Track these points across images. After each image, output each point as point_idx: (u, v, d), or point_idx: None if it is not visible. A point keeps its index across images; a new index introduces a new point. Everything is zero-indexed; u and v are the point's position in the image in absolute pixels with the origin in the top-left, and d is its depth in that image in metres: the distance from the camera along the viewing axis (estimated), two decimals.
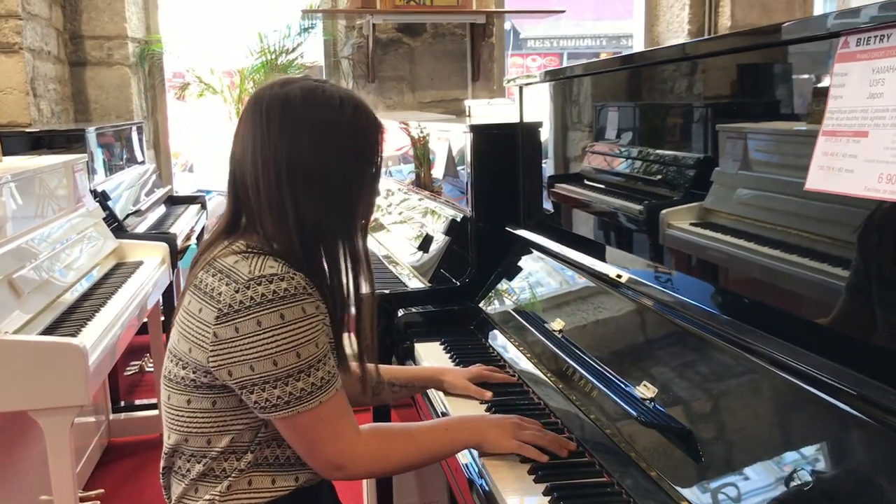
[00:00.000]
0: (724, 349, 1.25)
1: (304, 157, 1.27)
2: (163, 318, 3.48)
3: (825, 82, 1.02)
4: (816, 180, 0.95)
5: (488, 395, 1.65)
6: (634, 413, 1.29)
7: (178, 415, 1.32)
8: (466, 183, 2.36)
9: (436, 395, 1.74)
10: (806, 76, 1.15)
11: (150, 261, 3.18)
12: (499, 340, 1.97)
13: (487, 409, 1.61)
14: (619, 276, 1.60)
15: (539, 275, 2.05)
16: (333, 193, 1.30)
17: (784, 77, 1.22)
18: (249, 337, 1.21)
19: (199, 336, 1.25)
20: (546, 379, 1.64)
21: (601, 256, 1.80)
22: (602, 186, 1.87)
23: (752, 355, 1.18)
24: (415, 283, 2.44)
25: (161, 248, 3.27)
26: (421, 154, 3.05)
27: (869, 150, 0.88)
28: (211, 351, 1.23)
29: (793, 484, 1.00)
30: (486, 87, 5.35)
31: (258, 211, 1.30)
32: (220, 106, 5.11)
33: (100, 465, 3.15)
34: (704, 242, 1.40)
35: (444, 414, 1.63)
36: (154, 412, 3.43)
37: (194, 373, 1.28)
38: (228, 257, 1.27)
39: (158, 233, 3.71)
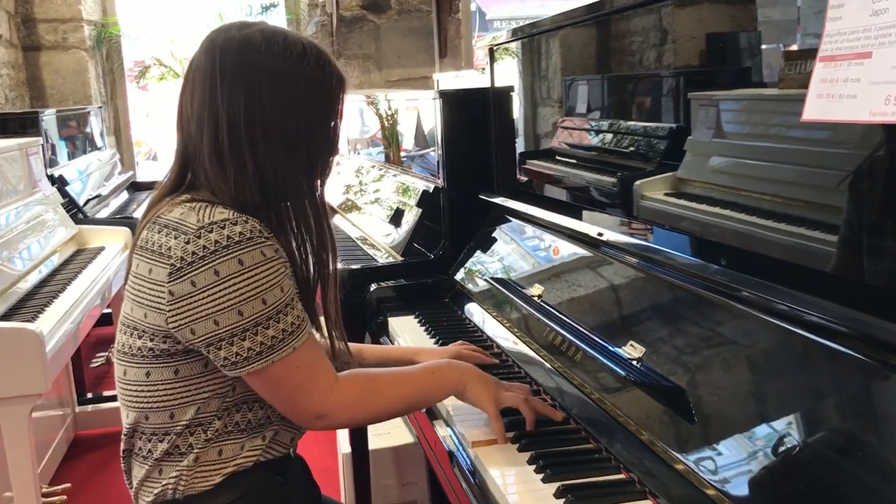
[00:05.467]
0: (713, 300, 1.19)
1: (263, 109, 1.18)
2: None
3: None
4: (814, 110, 0.88)
5: None
6: (623, 374, 1.23)
7: (136, 390, 1.22)
8: (437, 152, 2.28)
9: None
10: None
11: (112, 246, 3.10)
12: (474, 311, 1.90)
13: None
14: (600, 235, 1.53)
15: (515, 242, 1.98)
16: (294, 148, 1.21)
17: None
18: (209, 289, 1.11)
19: (153, 299, 1.16)
20: (526, 347, 1.57)
21: (579, 217, 1.73)
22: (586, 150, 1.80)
23: (741, 304, 1.12)
24: (389, 261, 2.37)
25: (123, 234, 3.20)
26: (389, 134, 2.97)
27: (873, 71, 0.82)
28: (169, 312, 1.14)
29: (791, 434, 0.94)
30: (453, 65, 5.26)
31: (209, 168, 1.19)
32: None
33: (66, 459, 3.05)
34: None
35: None
36: None
37: (152, 340, 1.18)
38: (173, 211, 1.17)
39: (121, 217, 3.62)
